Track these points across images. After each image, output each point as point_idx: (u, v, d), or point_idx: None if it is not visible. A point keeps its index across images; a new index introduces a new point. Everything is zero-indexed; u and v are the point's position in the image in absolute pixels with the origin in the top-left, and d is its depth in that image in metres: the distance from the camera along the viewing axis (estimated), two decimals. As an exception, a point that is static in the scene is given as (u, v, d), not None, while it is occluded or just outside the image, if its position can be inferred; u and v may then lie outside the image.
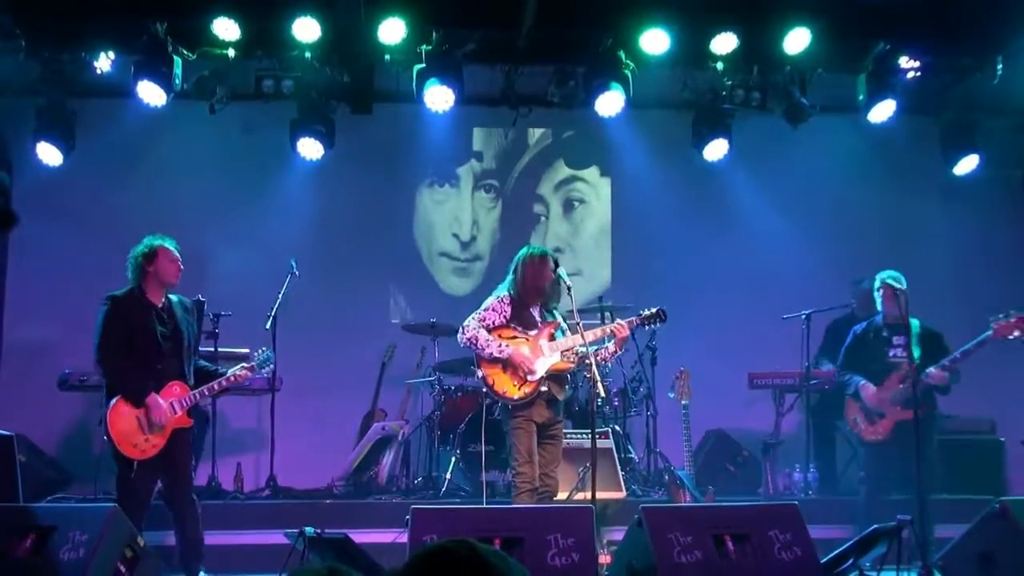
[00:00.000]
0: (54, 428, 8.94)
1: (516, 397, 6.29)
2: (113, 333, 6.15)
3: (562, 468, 6.67)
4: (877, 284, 7.36)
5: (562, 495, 6.64)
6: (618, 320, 6.57)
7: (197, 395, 6.23)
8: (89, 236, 9.37)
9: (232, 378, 6.36)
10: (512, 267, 6.62)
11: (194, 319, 6.63)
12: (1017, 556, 5.37)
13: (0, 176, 8.51)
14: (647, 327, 6.75)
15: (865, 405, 7.31)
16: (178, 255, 6.36)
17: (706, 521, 5.36)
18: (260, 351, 6.59)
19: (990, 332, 6.96)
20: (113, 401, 6.07)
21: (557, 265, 6.53)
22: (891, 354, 7.30)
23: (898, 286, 7.17)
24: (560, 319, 6.60)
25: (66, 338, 8.94)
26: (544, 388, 6.32)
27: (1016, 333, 6.91)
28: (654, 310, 6.59)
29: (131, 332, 6.16)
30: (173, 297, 6.45)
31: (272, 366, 6.74)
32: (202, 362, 6.60)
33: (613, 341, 6.46)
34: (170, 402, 6.13)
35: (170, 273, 6.31)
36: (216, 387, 6.32)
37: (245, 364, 6.50)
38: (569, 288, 6.34)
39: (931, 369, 7.04)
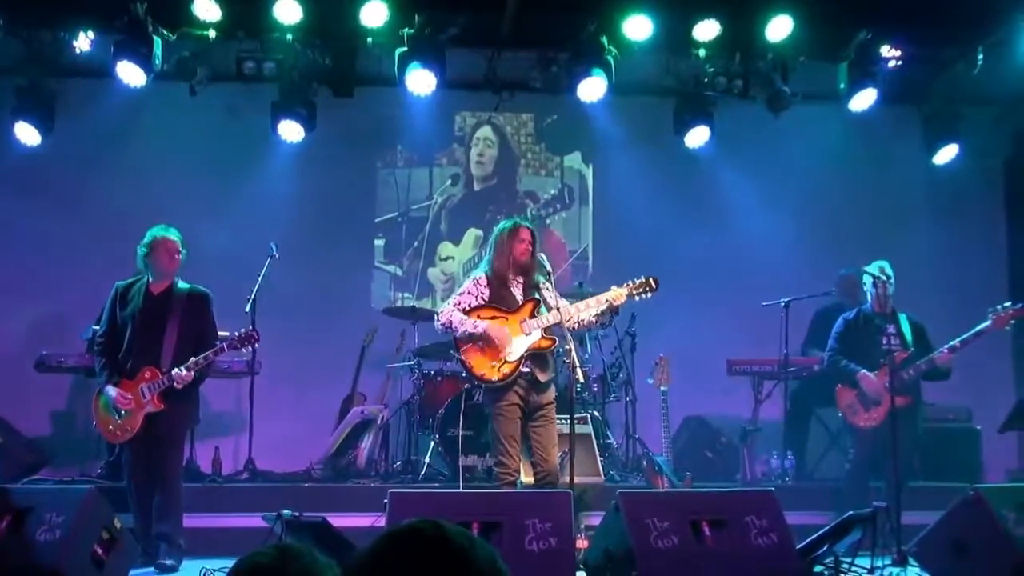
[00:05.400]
0: (31, 410, 8.88)
1: (495, 379, 6.04)
2: (105, 321, 6.54)
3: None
4: (871, 273, 7.43)
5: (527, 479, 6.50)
6: (614, 287, 6.27)
7: (166, 380, 6.24)
8: (67, 216, 9.31)
9: (200, 361, 6.33)
10: (489, 245, 6.45)
11: (201, 310, 6.62)
12: (990, 543, 5.41)
13: None
14: (637, 298, 6.33)
15: (863, 392, 7.37)
16: (176, 243, 6.53)
17: (683, 507, 5.39)
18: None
19: (989, 323, 7.13)
20: (99, 388, 6.45)
21: (535, 236, 6.30)
22: (884, 342, 7.36)
23: (883, 278, 7.30)
24: (548, 293, 6.23)
25: (43, 319, 8.90)
26: (526, 369, 6.06)
27: (1012, 324, 7.19)
28: (643, 279, 6.29)
29: (121, 320, 6.45)
30: (184, 286, 6.59)
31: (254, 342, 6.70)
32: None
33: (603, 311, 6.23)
34: (140, 387, 6.25)
35: (163, 262, 6.49)
36: (184, 371, 6.26)
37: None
38: (549, 274, 6.20)
39: (942, 350, 7.19)
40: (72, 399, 9.23)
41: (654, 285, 6.29)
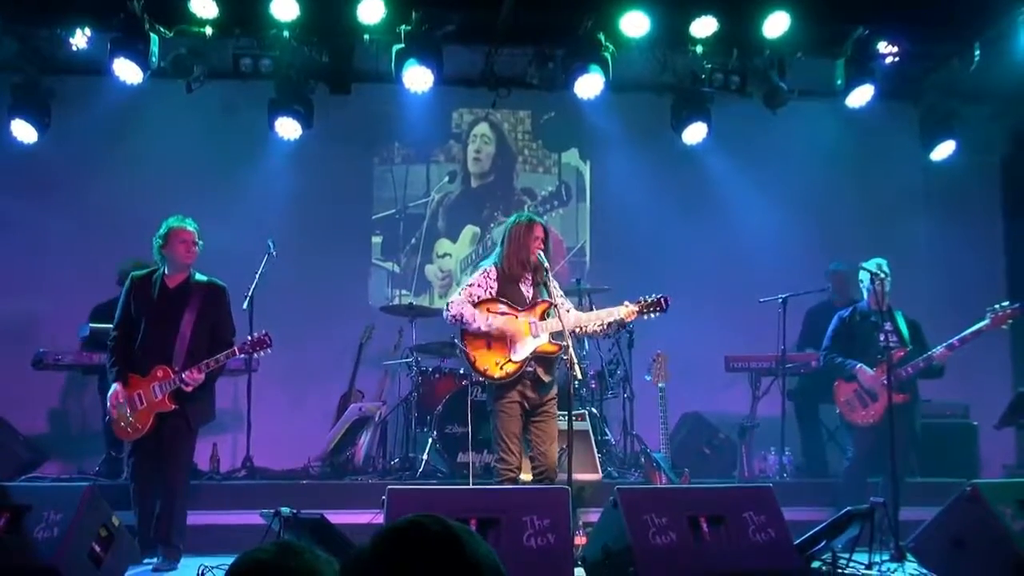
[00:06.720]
0: (29, 407, 8.87)
1: (497, 376, 5.98)
2: (119, 315, 6.43)
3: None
4: (869, 269, 7.43)
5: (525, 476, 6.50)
6: (627, 302, 6.20)
7: (177, 380, 6.20)
8: (64, 214, 9.31)
9: (212, 363, 6.30)
10: (500, 237, 6.34)
11: (217, 303, 6.55)
12: (987, 538, 5.42)
13: None
14: (646, 316, 6.23)
15: (862, 387, 7.41)
16: (193, 233, 6.45)
17: (681, 503, 5.38)
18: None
19: (987, 321, 7.14)
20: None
21: (547, 234, 6.20)
22: (882, 339, 7.37)
23: (881, 275, 7.30)
24: (555, 294, 6.15)
25: (40, 317, 8.88)
26: (529, 368, 6.01)
27: (1009, 323, 7.18)
28: (655, 298, 6.18)
29: (135, 313, 6.35)
30: (201, 278, 6.51)
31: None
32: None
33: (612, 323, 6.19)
34: (152, 386, 6.18)
35: (179, 254, 6.40)
36: (196, 372, 6.23)
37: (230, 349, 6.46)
38: (547, 271, 6.08)
39: (940, 348, 7.21)
40: (69, 397, 9.23)
41: (664, 305, 6.20)
